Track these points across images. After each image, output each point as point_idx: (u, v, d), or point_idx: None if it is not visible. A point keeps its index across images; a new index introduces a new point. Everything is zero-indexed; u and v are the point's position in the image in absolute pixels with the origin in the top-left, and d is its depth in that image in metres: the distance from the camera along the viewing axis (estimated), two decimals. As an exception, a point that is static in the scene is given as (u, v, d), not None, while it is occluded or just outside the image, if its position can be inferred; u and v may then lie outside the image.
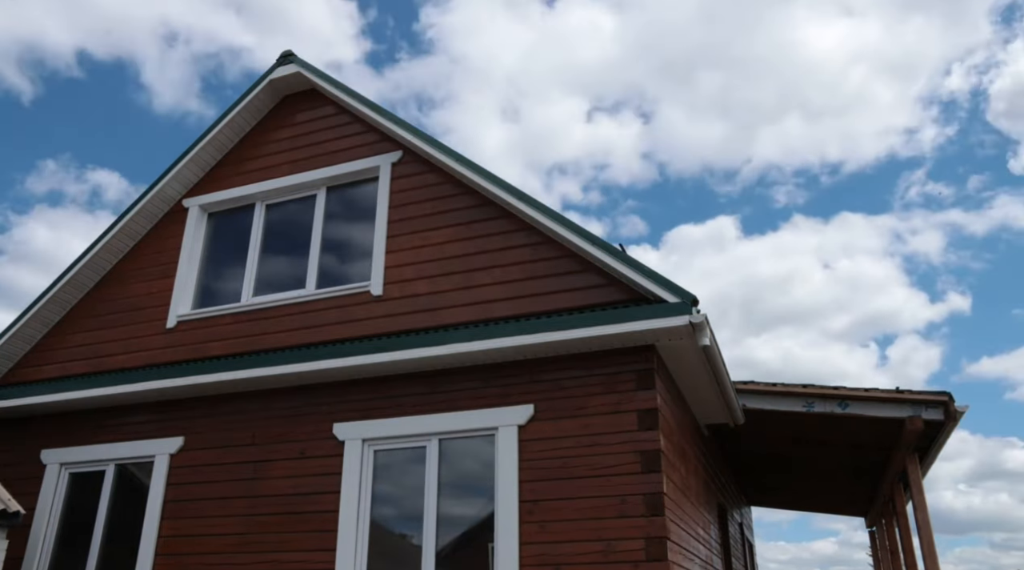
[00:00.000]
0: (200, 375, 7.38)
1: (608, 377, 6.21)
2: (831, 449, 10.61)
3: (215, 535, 7.04)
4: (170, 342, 8.18)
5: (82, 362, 8.58)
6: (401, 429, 6.69)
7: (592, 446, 6.02)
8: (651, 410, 5.96)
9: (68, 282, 8.85)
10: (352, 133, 8.47)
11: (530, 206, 6.91)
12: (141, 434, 7.84)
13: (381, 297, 7.39)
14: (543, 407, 6.30)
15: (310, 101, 8.97)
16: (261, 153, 8.92)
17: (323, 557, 6.51)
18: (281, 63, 8.98)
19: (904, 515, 10.53)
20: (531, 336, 6.23)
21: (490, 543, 6.08)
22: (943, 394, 7.83)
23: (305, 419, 7.14)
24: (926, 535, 8.37)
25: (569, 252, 6.81)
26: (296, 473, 6.95)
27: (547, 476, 6.05)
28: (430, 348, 6.53)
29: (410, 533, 6.45)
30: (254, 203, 8.77)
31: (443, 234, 7.42)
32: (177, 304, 8.37)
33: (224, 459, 7.32)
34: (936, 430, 8.24)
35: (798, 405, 8.42)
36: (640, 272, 6.26)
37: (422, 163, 7.89)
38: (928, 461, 9.53)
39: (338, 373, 7.00)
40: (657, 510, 5.65)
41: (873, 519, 15.91)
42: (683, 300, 5.95)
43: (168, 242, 8.87)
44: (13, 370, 8.98)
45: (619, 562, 5.61)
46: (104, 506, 7.75)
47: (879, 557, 15.81)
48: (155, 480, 7.50)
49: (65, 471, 8.12)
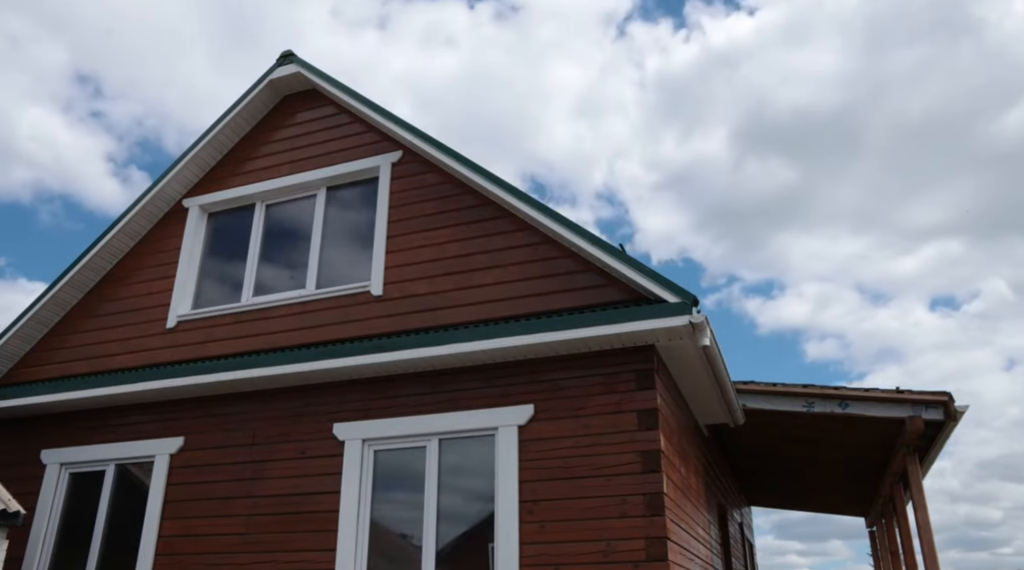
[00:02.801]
0: (200, 375, 7.38)
1: (608, 377, 6.21)
2: (831, 449, 10.61)
3: (215, 535, 7.04)
4: (170, 342, 8.18)
5: (82, 362, 8.58)
6: (401, 429, 6.69)
7: (592, 446, 6.02)
8: (651, 410, 5.96)
9: (68, 282, 8.84)
10: (352, 133, 8.46)
11: (530, 206, 6.92)
12: (141, 434, 7.85)
13: (381, 297, 7.39)
14: (543, 407, 6.30)
15: (310, 101, 8.96)
16: (261, 153, 8.92)
17: (323, 557, 6.51)
18: (281, 63, 8.98)
19: (904, 515, 10.53)
20: (531, 336, 6.23)
21: (490, 543, 6.08)
22: (943, 394, 7.83)
23: (305, 419, 7.14)
24: (926, 535, 8.37)
25: (569, 252, 6.81)
26: (296, 473, 6.95)
27: (547, 476, 6.05)
28: (430, 348, 6.53)
29: (410, 533, 6.45)
30: (254, 203, 8.76)
31: (443, 234, 7.42)
32: (177, 304, 8.37)
33: (224, 459, 7.32)
34: (936, 430, 8.24)
35: (798, 405, 8.41)
36: (640, 272, 6.26)
37: (422, 163, 7.89)
38: (928, 461, 9.54)
39: (338, 373, 7.00)
40: (657, 510, 5.65)
41: (873, 519, 15.91)
42: (683, 300, 5.95)
43: (168, 242, 8.87)
44: (13, 370, 8.98)
45: (619, 562, 5.61)
46: (104, 506, 7.75)
47: (879, 557, 15.81)
48: (155, 480, 7.50)
49: (65, 471, 8.12)
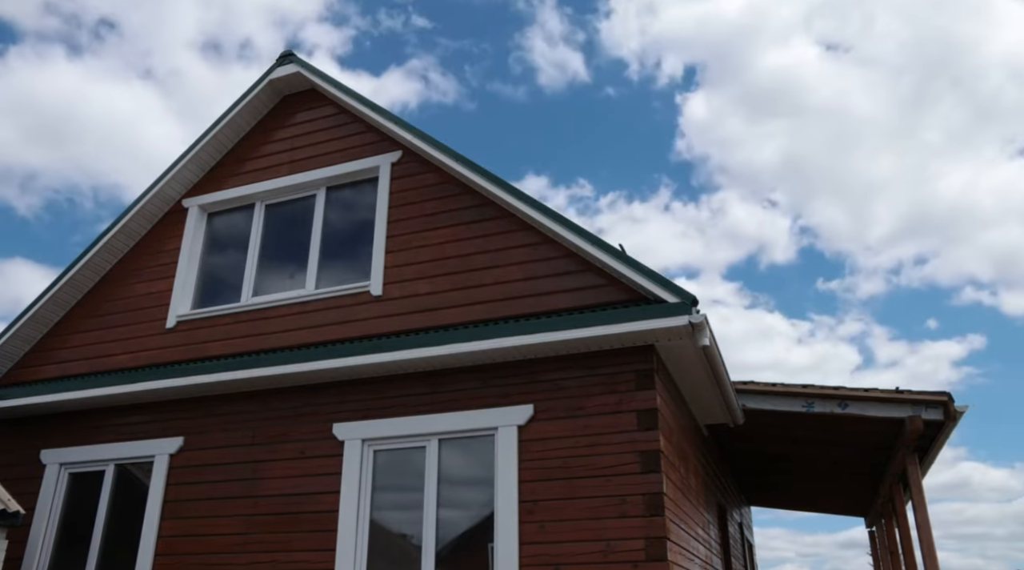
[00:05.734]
0: (200, 375, 7.38)
1: (608, 377, 6.21)
2: (831, 449, 10.61)
3: (215, 535, 7.04)
4: (170, 342, 8.19)
5: (82, 362, 8.58)
6: (401, 429, 6.69)
7: (592, 446, 6.02)
8: (651, 410, 5.97)
9: (68, 282, 8.85)
10: (352, 133, 8.47)
11: (530, 206, 6.92)
12: (141, 434, 7.85)
13: (381, 297, 7.39)
14: (543, 407, 6.30)
15: (310, 101, 8.97)
16: (261, 153, 8.92)
17: (323, 557, 6.52)
18: (281, 63, 8.98)
19: (904, 515, 10.52)
20: (531, 336, 6.23)
21: (490, 543, 6.08)
22: (943, 394, 7.82)
23: (305, 419, 7.14)
24: (926, 535, 8.36)
25: (569, 252, 6.81)
26: (296, 473, 6.95)
27: (547, 476, 6.05)
28: (430, 348, 6.53)
29: (410, 533, 6.45)
30: (254, 203, 8.76)
31: (443, 234, 7.42)
32: (177, 304, 8.37)
33: (224, 459, 7.33)
34: (936, 430, 8.24)
35: (798, 405, 8.41)
36: (640, 272, 6.27)
37: (422, 163, 7.89)
38: (928, 461, 9.53)
39: (338, 373, 7.00)
40: (657, 510, 5.65)
41: (873, 519, 15.90)
42: (683, 300, 5.95)
43: (168, 242, 8.87)
44: (13, 370, 8.98)
45: (619, 562, 5.61)
46: (104, 506, 7.76)
47: (879, 557, 15.81)
48: (155, 480, 7.51)
49: (65, 471, 8.12)
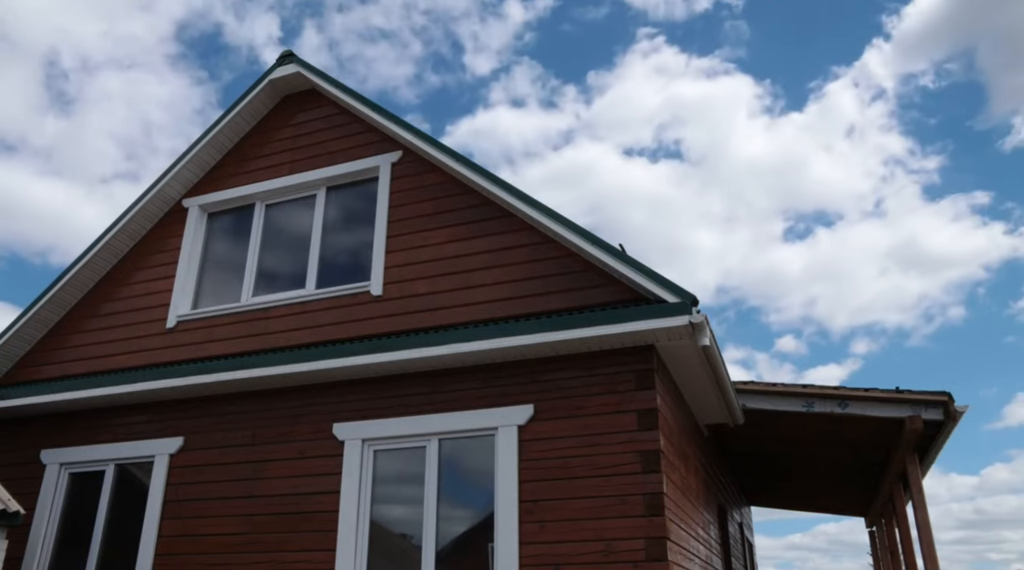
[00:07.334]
0: (200, 375, 7.38)
1: (608, 377, 6.21)
2: (831, 449, 10.61)
3: (215, 535, 7.04)
4: (170, 342, 8.18)
5: (82, 362, 8.58)
6: (401, 429, 6.69)
7: (592, 446, 6.02)
8: (651, 410, 5.96)
9: (68, 282, 8.84)
10: (352, 133, 8.46)
11: (530, 206, 6.92)
12: (141, 434, 7.84)
13: (381, 297, 7.39)
14: (543, 407, 6.30)
15: (310, 101, 8.96)
16: (261, 153, 8.92)
17: (323, 557, 6.52)
18: (281, 63, 8.98)
19: (904, 515, 10.52)
20: (531, 336, 6.23)
21: (490, 543, 6.08)
22: (943, 394, 7.83)
23: (305, 419, 7.14)
24: (926, 535, 8.37)
25: (569, 252, 6.81)
26: (296, 473, 6.95)
27: (547, 476, 6.05)
28: (430, 348, 6.53)
29: (410, 533, 6.45)
30: (254, 203, 8.76)
31: (443, 234, 7.42)
32: (177, 304, 8.37)
33: (224, 459, 7.32)
34: (936, 430, 8.24)
35: (798, 405, 8.41)
36: (640, 272, 6.27)
37: (422, 163, 7.89)
38: (928, 461, 9.53)
39: (338, 373, 7.00)
40: (657, 510, 5.65)
41: (873, 519, 15.91)
42: (683, 300, 5.95)
43: (168, 242, 8.87)
44: (13, 370, 8.98)
45: (619, 562, 5.61)
46: (104, 506, 7.75)
47: (879, 557, 15.81)
48: (155, 480, 7.50)
49: (65, 471, 8.12)
